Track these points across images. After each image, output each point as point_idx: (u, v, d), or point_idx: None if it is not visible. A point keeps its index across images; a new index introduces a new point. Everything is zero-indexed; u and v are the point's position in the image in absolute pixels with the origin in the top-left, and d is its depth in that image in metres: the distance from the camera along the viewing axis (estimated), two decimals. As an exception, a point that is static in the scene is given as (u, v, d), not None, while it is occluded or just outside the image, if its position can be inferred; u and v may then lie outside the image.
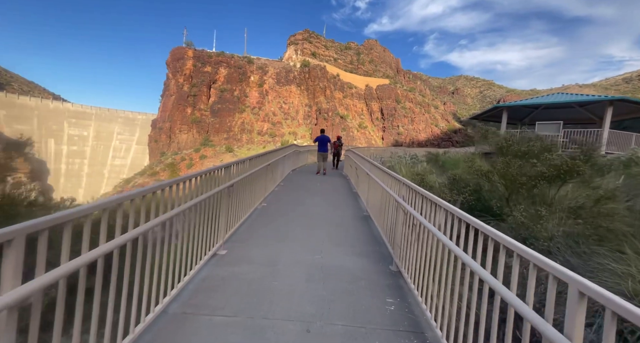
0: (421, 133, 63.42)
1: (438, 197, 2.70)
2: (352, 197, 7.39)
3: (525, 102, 14.12)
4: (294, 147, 10.60)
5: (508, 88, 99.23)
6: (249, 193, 5.01)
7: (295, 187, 8.24)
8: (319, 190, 7.99)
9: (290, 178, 9.69)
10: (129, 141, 79.77)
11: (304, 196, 7.08)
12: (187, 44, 62.65)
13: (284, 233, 4.46)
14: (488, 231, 1.79)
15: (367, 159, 6.75)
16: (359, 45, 79.49)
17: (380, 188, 4.86)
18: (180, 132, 56.74)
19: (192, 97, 58.43)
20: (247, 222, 4.90)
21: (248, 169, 4.91)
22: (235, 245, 3.85)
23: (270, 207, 5.88)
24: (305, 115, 60.29)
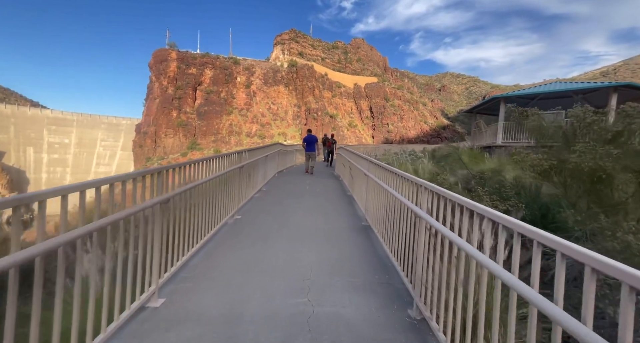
0: (411, 130, 62.96)
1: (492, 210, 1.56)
2: (346, 202, 6.22)
3: (524, 92, 13.32)
4: (278, 146, 9.39)
5: (493, 84, 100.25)
6: (210, 206, 3.77)
7: (280, 192, 7.02)
8: (307, 194, 6.79)
9: (275, 181, 8.47)
10: (113, 147, 76.73)
11: (289, 203, 5.87)
12: (170, 45, 60.48)
13: (258, 261, 3.24)
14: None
15: (363, 156, 5.59)
16: (346, 44, 78.64)
17: (384, 192, 3.71)
18: (166, 136, 54.57)
19: (177, 99, 56.34)
20: (207, 246, 3.65)
21: (206, 173, 3.66)
22: (180, 290, 2.59)
23: (244, 221, 4.64)
24: (295, 116, 58.98)
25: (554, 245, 1.07)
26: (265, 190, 7.11)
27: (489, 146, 13.84)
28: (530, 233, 1.20)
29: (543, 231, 1.14)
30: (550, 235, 1.10)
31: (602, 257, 0.88)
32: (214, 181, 3.96)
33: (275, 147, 8.92)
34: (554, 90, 12.86)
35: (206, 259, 3.28)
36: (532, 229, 1.19)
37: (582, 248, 0.96)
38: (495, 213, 1.50)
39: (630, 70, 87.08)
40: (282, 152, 10.28)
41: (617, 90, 11.02)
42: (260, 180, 7.08)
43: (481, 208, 1.64)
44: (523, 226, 1.25)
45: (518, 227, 1.29)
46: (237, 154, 4.75)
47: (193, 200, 3.21)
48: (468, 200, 1.84)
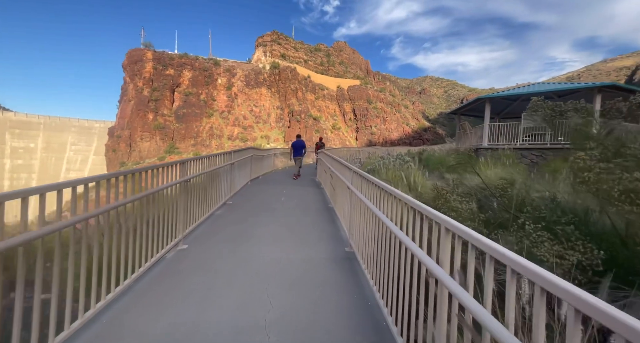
0: (393, 132, 63.17)
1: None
2: (327, 218, 5.18)
3: (509, 93, 12.94)
4: (251, 150, 8.23)
5: (470, 87, 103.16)
6: (136, 239, 2.61)
7: (249, 206, 5.88)
8: (281, 209, 5.69)
9: (246, 192, 7.30)
10: (85, 152, 72.04)
11: (257, 222, 4.75)
12: (145, 45, 57.53)
13: (192, 329, 2.12)
14: None
15: (345, 163, 4.59)
16: (328, 47, 78.19)
17: (372, 216, 2.73)
18: (142, 140, 51.60)
19: (154, 101, 53.50)
20: (129, 296, 2.50)
21: (132, 190, 2.52)
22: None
23: (189, 253, 3.49)
24: (278, 118, 57.59)
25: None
26: (231, 203, 5.94)
27: (475, 148, 13.30)
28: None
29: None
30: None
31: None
32: (141, 203, 2.81)
33: (247, 152, 7.76)
34: (537, 91, 12.51)
35: (112, 324, 2.13)
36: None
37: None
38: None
39: (592, 75, 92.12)
40: (256, 158, 9.11)
41: (601, 91, 10.75)
42: (225, 193, 5.91)
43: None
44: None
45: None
46: (179, 164, 3.59)
47: (105, 230, 2.05)
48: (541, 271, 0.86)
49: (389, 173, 7.13)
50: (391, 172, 7.22)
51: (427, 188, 6.73)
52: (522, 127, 11.99)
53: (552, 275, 0.85)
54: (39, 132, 70.63)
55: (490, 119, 17.59)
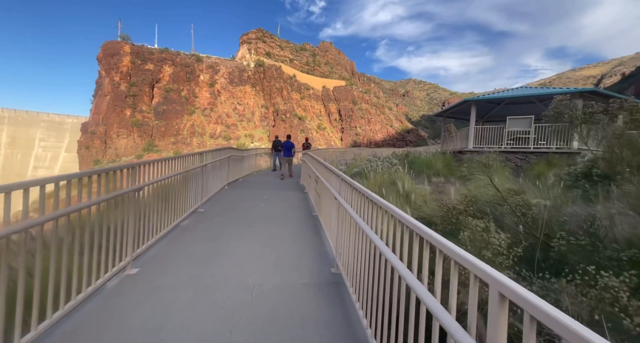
0: (378, 133, 63.53)
1: None
2: (311, 229, 4.60)
3: (494, 96, 12.92)
4: (229, 151, 7.50)
5: (451, 91, 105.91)
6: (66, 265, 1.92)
7: (223, 214, 5.19)
8: (260, 218, 5.06)
9: (221, 197, 6.59)
10: (56, 148, 67.49)
11: (228, 236, 4.10)
12: (122, 37, 54.54)
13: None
14: None
15: (329, 167, 4.05)
16: (314, 46, 77.59)
17: (364, 236, 2.19)
18: (118, 137, 48.84)
19: (132, 97, 50.79)
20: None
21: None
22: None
23: (142, 278, 2.81)
24: (262, 117, 56.35)
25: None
26: (202, 211, 5.24)
27: (460, 151, 13.19)
28: None
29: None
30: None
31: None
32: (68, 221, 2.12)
33: (224, 152, 7.03)
34: (522, 94, 12.54)
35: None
36: None
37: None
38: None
39: (562, 83, 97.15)
40: (235, 158, 8.38)
41: (582, 96, 10.86)
42: (196, 199, 5.20)
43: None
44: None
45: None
46: (129, 168, 2.89)
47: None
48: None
49: (377, 177, 6.66)
50: (379, 176, 6.76)
51: (420, 195, 6.32)
52: (507, 130, 11.96)
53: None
54: (2, 126, 65.47)
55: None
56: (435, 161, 11.78)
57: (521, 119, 11.74)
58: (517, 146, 11.91)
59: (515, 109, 15.66)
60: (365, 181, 6.77)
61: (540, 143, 11.81)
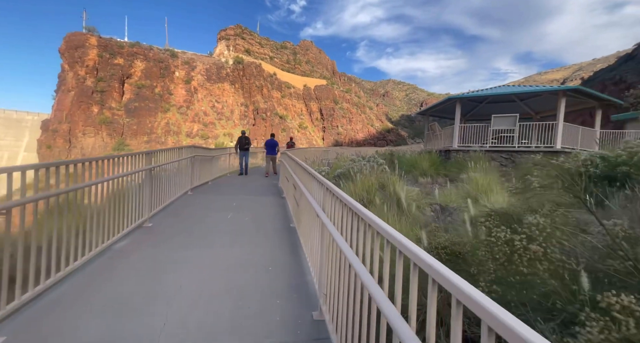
0: (359, 133, 63.40)
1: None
2: (287, 247, 3.63)
3: (480, 94, 12.56)
4: (192, 150, 6.32)
5: (428, 92, 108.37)
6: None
7: (176, 229, 4.08)
8: (224, 233, 4.02)
9: (181, 205, 5.44)
10: (13, 147, 61.31)
11: (175, 265, 3.01)
12: (88, 29, 50.44)
13: None
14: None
15: (309, 170, 3.11)
16: (295, 45, 76.14)
17: (357, 277, 1.23)
18: (85, 135, 45.09)
19: (99, 93, 47.10)
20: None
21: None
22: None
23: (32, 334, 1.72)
24: (242, 115, 54.31)
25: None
26: (150, 226, 4.10)
27: (445, 150, 12.72)
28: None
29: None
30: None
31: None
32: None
33: (186, 151, 5.85)
34: (507, 92, 12.23)
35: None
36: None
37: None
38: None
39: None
40: (202, 159, 7.19)
41: (566, 95, 10.67)
42: (141, 210, 4.05)
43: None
44: None
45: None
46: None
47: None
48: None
49: (365, 180, 5.80)
50: (366, 178, 5.90)
51: (410, 199, 5.53)
52: (492, 129, 11.59)
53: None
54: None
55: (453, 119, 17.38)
56: (421, 161, 11.18)
57: (506, 117, 11.41)
58: (501, 145, 11.58)
59: (496, 108, 15.50)
60: (352, 184, 5.89)
61: (523, 142, 11.56)
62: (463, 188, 6.22)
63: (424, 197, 6.15)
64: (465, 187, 6.54)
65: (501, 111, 15.84)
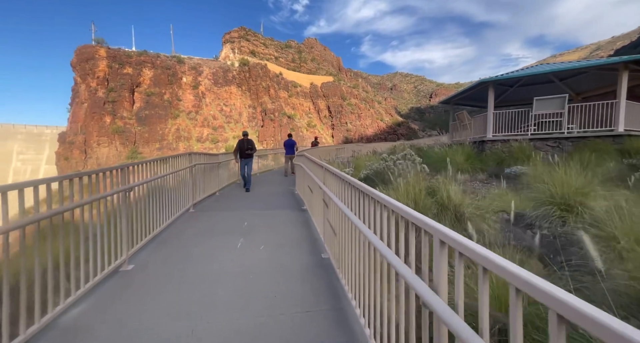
0: (368, 128, 61.53)
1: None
2: (327, 300, 2.36)
3: (514, 75, 10.81)
4: (192, 157, 5.12)
5: (437, 82, 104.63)
6: None
7: (164, 278, 2.87)
8: (237, 276, 2.78)
9: (180, 228, 4.25)
10: (35, 161, 62.96)
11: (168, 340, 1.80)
12: (97, 41, 50.64)
13: None
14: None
15: (355, 183, 1.80)
16: (299, 43, 74.68)
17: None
18: (99, 146, 45.36)
19: (111, 103, 47.22)
20: None
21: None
22: None
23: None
24: (250, 117, 53.53)
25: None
26: (130, 269, 2.92)
27: (478, 141, 11.14)
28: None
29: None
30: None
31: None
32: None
33: (182, 160, 4.66)
34: (544, 71, 10.49)
35: None
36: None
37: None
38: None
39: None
40: (205, 167, 6.01)
41: (627, 68, 8.87)
42: (118, 247, 2.87)
43: None
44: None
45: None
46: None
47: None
48: None
49: (409, 187, 4.44)
50: (413, 182, 4.52)
51: (472, 208, 4.17)
52: (533, 114, 9.93)
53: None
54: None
55: (481, 108, 15.69)
56: (454, 154, 9.68)
57: (551, 99, 9.71)
58: (546, 132, 9.93)
59: (529, 91, 13.71)
60: (393, 192, 4.56)
61: (570, 126, 9.85)
62: (527, 187, 4.79)
63: (470, 198, 4.75)
64: (529, 185, 5.09)
65: (535, 94, 14.04)
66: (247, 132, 8.53)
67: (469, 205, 4.30)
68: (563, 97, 9.47)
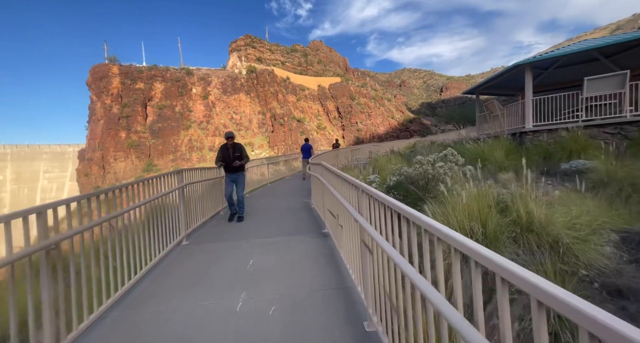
0: (380, 127, 59.79)
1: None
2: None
3: (553, 54, 9.22)
4: (179, 176, 4.07)
5: (447, 76, 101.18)
6: None
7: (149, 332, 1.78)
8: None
9: (168, 269, 3.20)
10: (60, 178, 65.29)
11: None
12: (109, 59, 51.88)
13: None
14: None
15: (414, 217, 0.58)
16: (304, 47, 74.07)
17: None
18: (116, 161, 46.14)
19: (125, 118, 48.06)
20: None
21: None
22: None
23: None
24: (260, 124, 53.14)
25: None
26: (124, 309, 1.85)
27: (516, 133, 9.64)
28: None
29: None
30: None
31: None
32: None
33: (167, 180, 3.62)
34: (590, 46, 8.88)
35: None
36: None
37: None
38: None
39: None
40: (205, 185, 4.94)
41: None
42: (51, 333, 1.80)
43: None
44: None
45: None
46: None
47: None
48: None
49: (471, 197, 3.20)
50: (474, 195, 3.27)
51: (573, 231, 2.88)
52: (584, 97, 8.36)
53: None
54: (6, 163, 63.55)
55: (510, 96, 14.05)
56: (491, 150, 8.27)
57: (607, 78, 8.12)
58: (602, 117, 8.33)
59: (566, 73, 12.03)
60: (440, 207, 3.32)
61: (629, 109, 8.21)
62: (601, 186, 3.45)
63: (548, 208, 3.43)
64: (603, 182, 3.74)
65: (573, 76, 12.30)
66: (232, 133, 5.83)
67: (560, 224, 3.00)
68: (623, 74, 7.87)
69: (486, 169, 7.18)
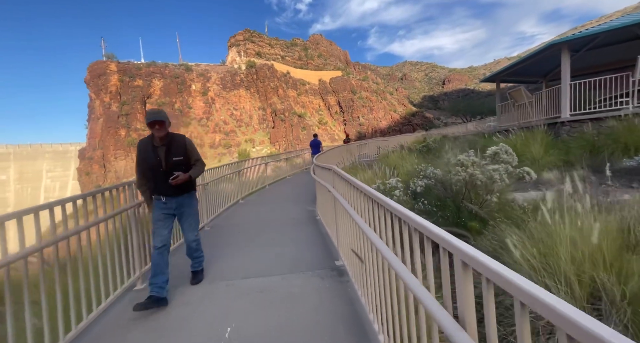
0: (382, 121, 58.16)
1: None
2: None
3: (592, 31, 7.80)
4: (130, 188, 2.87)
5: (450, 68, 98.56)
6: None
7: None
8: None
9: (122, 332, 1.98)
10: (63, 177, 64.55)
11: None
12: (107, 56, 50.40)
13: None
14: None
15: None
16: (304, 40, 72.01)
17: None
18: (116, 159, 45.14)
19: (125, 116, 46.89)
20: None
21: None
22: None
23: None
24: (261, 119, 51.73)
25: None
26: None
27: (548, 124, 8.29)
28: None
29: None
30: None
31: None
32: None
33: (112, 198, 2.38)
34: (630, 22, 7.46)
35: None
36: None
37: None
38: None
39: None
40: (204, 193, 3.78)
41: None
42: None
43: None
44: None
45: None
46: None
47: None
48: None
49: (573, 226, 1.97)
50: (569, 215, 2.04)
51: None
52: (637, 79, 6.97)
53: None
54: (9, 163, 62.88)
55: (532, 84, 12.62)
56: (526, 145, 6.99)
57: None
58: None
59: (598, 56, 10.58)
60: (525, 236, 2.05)
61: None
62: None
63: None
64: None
65: (607, 58, 10.86)
66: (163, 113, 2.62)
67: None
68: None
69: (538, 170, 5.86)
